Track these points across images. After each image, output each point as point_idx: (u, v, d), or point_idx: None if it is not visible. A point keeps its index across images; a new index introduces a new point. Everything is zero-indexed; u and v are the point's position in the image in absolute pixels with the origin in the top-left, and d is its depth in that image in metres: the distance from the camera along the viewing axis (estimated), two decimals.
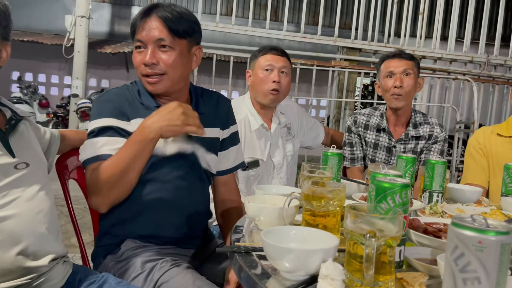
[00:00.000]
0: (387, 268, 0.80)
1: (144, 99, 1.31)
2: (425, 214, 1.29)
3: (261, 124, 1.92)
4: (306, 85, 4.44)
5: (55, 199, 1.17)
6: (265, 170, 1.95)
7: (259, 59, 1.92)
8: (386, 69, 2.05)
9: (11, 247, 0.98)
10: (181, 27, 1.26)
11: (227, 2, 8.38)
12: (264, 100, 1.91)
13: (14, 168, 1.03)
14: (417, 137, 2.08)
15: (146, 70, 1.26)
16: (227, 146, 1.49)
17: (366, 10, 4.13)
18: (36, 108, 8.76)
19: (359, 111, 2.21)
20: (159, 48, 1.25)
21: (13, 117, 1.11)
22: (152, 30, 1.24)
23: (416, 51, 4.07)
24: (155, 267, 1.23)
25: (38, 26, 9.28)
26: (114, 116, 1.26)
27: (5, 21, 1.07)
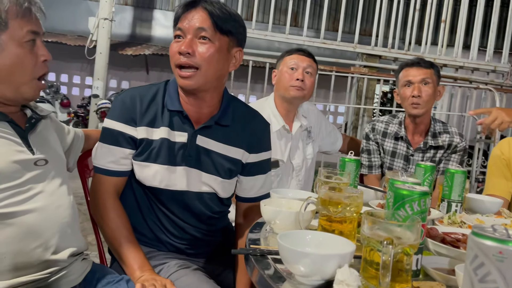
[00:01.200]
0: (403, 276, 0.79)
1: (168, 100, 1.27)
2: (443, 224, 1.27)
3: (283, 126, 1.93)
4: (324, 91, 4.43)
5: (75, 197, 1.19)
6: (285, 171, 1.95)
7: (285, 59, 1.95)
8: (404, 78, 2.03)
9: (32, 240, 1.00)
10: (225, 22, 1.20)
11: (247, 7, 8.44)
12: (287, 94, 1.91)
13: (34, 164, 1.06)
14: (436, 147, 2.05)
15: (179, 59, 1.18)
16: (253, 173, 1.38)
17: (387, 17, 4.11)
18: (58, 108, 8.94)
19: (377, 119, 2.19)
20: (198, 39, 1.18)
21: (33, 116, 1.14)
22: (194, 19, 1.18)
23: (438, 59, 4.02)
24: (163, 269, 1.25)
25: (63, 27, 9.49)
26: (121, 120, 1.25)
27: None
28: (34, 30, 1.03)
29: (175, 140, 1.26)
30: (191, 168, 1.28)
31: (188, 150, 1.27)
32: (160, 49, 9.37)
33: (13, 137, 1.05)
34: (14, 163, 1.01)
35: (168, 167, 1.25)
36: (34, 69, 1.04)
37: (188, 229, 1.33)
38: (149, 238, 1.33)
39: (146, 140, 1.25)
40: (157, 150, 1.25)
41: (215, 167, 1.30)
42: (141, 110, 1.25)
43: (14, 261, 0.98)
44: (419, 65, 2.01)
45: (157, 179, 1.25)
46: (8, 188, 0.99)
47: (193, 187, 1.29)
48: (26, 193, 1.02)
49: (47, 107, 8.11)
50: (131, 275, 1.16)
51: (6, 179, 0.99)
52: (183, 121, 1.27)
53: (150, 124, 1.25)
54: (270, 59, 3.85)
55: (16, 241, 0.98)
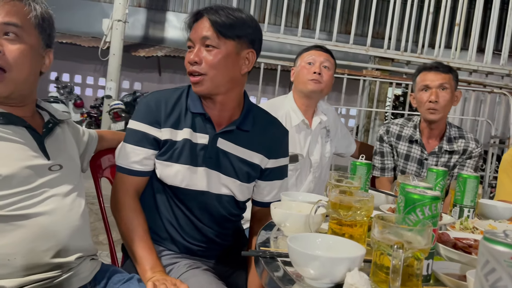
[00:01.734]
0: (414, 281, 0.79)
1: (190, 103, 1.31)
2: (455, 229, 1.26)
3: (302, 120, 1.94)
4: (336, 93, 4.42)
5: (87, 197, 1.21)
6: (303, 167, 1.95)
7: (303, 55, 1.98)
8: (421, 82, 2.00)
9: (43, 242, 1.02)
10: (230, 27, 1.23)
11: (259, 9, 8.45)
12: (305, 88, 1.92)
13: (49, 169, 1.08)
14: (451, 152, 2.03)
15: (189, 67, 1.25)
16: (271, 178, 1.41)
17: (400, 20, 4.08)
18: (71, 108, 9.05)
19: (392, 121, 2.18)
20: (205, 47, 1.23)
21: (50, 120, 1.15)
22: (199, 29, 1.24)
23: (451, 63, 3.98)
24: (173, 270, 1.26)
25: (77, 29, 9.60)
26: (145, 121, 1.29)
27: (49, 29, 1.12)
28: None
29: (197, 141, 1.30)
30: (211, 170, 1.31)
31: (208, 152, 1.30)
32: (172, 50, 9.43)
33: (29, 143, 1.06)
34: (29, 168, 1.03)
35: (190, 167, 1.29)
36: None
37: (204, 230, 1.35)
38: (162, 238, 1.35)
39: (170, 141, 1.29)
40: (179, 150, 1.28)
41: (234, 170, 1.33)
42: (166, 113, 1.29)
43: (25, 261, 0.99)
44: (437, 69, 1.98)
45: (178, 178, 1.28)
46: (21, 191, 1.01)
47: (213, 188, 1.32)
48: (39, 197, 1.04)
49: (60, 108, 8.25)
50: (143, 275, 1.18)
51: (20, 183, 1.01)
52: (205, 123, 1.31)
53: (174, 125, 1.29)
54: (281, 62, 3.85)
55: (27, 242, 1.00)
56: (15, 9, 1.03)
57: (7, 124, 1.04)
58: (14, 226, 0.99)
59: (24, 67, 1.05)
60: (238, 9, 1.28)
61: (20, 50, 1.04)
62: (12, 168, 1.00)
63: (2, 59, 1.01)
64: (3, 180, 0.98)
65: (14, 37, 1.03)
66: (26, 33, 1.05)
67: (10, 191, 0.99)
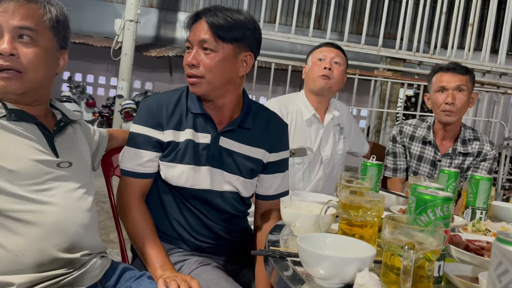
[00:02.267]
0: (425, 282, 0.78)
1: (191, 104, 1.32)
2: (467, 231, 1.24)
3: (313, 114, 1.94)
4: (347, 94, 4.40)
5: (98, 195, 1.22)
6: (312, 161, 1.95)
7: (314, 52, 1.99)
8: (438, 83, 1.97)
9: (51, 239, 1.02)
10: (228, 30, 1.23)
11: (271, 9, 8.45)
12: (315, 85, 1.92)
13: (57, 165, 1.09)
14: (465, 154, 2.01)
15: (187, 69, 1.27)
16: (273, 171, 1.43)
17: (412, 20, 4.05)
18: (83, 107, 9.14)
19: (405, 121, 2.16)
20: (203, 50, 1.24)
21: (62, 119, 1.17)
22: (198, 31, 1.24)
23: (464, 63, 3.91)
24: (184, 266, 1.27)
25: (90, 29, 9.69)
26: (148, 124, 1.30)
27: (63, 31, 1.13)
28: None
29: (199, 141, 1.31)
30: (214, 168, 1.32)
31: (211, 151, 1.31)
32: (183, 51, 9.40)
33: (39, 140, 1.08)
34: (36, 163, 1.04)
35: (193, 167, 1.30)
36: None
37: (212, 227, 1.36)
38: (171, 237, 1.36)
39: (173, 142, 1.30)
40: (182, 151, 1.30)
41: (238, 167, 1.35)
42: (167, 115, 1.30)
43: (33, 258, 1.00)
44: (454, 70, 1.95)
45: (182, 178, 1.30)
46: (29, 184, 1.02)
47: (216, 186, 1.33)
48: (46, 192, 1.04)
49: (72, 107, 8.33)
50: (153, 273, 1.19)
51: (27, 177, 1.02)
52: (206, 123, 1.32)
53: (176, 127, 1.30)
54: (292, 62, 3.84)
55: (35, 239, 1.00)
56: (30, 12, 1.04)
57: (18, 121, 1.06)
58: (22, 222, 1.00)
59: (39, 70, 1.06)
60: (237, 10, 1.27)
61: (35, 53, 1.05)
62: (20, 163, 1.01)
63: (17, 62, 1.03)
64: (11, 175, 1.00)
65: (28, 40, 1.04)
66: (40, 36, 1.06)
67: (18, 186, 1.00)
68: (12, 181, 1.00)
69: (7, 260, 0.98)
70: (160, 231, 1.32)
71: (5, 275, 0.97)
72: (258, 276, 1.30)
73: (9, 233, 0.99)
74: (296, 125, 1.91)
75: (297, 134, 1.91)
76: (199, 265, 1.26)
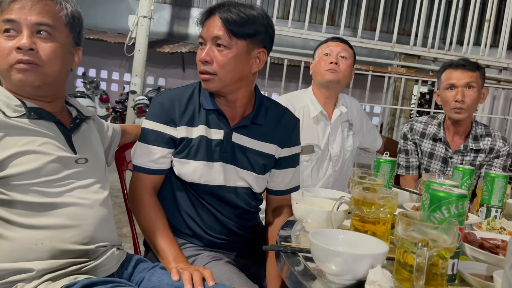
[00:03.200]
0: (438, 280, 0.77)
1: (203, 100, 1.32)
2: (481, 229, 1.23)
3: (320, 111, 1.93)
4: (360, 90, 4.36)
5: (111, 190, 1.24)
6: (321, 159, 1.94)
7: (321, 47, 1.98)
8: (447, 80, 1.95)
9: (68, 230, 1.05)
10: (242, 26, 1.23)
11: (284, 5, 8.41)
12: (322, 78, 1.91)
13: (75, 162, 1.12)
14: (477, 150, 1.98)
15: (200, 66, 1.27)
16: (284, 166, 1.43)
17: (428, 16, 4.00)
18: (97, 103, 9.23)
19: (416, 118, 2.14)
20: (216, 46, 1.24)
21: (78, 116, 1.19)
22: (211, 27, 1.24)
23: (480, 60, 3.88)
24: (196, 261, 1.28)
25: (104, 25, 9.77)
26: (160, 121, 1.30)
27: (78, 27, 1.16)
28: (6, 18, 1.04)
29: (212, 137, 1.31)
30: (227, 164, 1.33)
31: (224, 147, 1.32)
32: (196, 47, 9.39)
33: (58, 137, 1.11)
34: (57, 160, 1.07)
35: (207, 163, 1.30)
36: (11, 57, 1.04)
37: (225, 222, 1.37)
38: (184, 233, 1.37)
39: (186, 138, 1.30)
40: (196, 147, 1.30)
41: (250, 163, 1.35)
42: (180, 111, 1.31)
43: (51, 247, 1.03)
44: (464, 67, 1.92)
45: (196, 174, 1.30)
46: (49, 181, 1.05)
47: (230, 182, 1.34)
48: (65, 187, 1.08)
49: (86, 102, 8.42)
50: (166, 266, 1.20)
51: (48, 174, 1.05)
52: (219, 119, 1.32)
53: (188, 123, 1.31)
54: (305, 58, 3.82)
55: (54, 229, 1.04)
56: (47, 8, 1.07)
57: (38, 119, 1.08)
58: (42, 213, 1.03)
59: (56, 64, 1.09)
60: (251, 5, 1.27)
61: (53, 48, 1.07)
62: (41, 161, 1.04)
63: (36, 56, 1.05)
64: (33, 172, 1.03)
65: (46, 35, 1.07)
66: (57, 32, 1.09)
67: (39, 180, 1.04)
68: (33, 178, 1.03)
69: (26, 248, 1.01)
70: (173, 227, 1.33)
71: (24, 262, 1.00)
72: (269, 272, 1.30)
73: (29, 223, 1.02)
74: (304, 123, 1.90)
75: (305, 131, 1.89)
76: (211, 260, 1.27)
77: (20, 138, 1.04)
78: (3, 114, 1.04)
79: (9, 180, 1.01)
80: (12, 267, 0.99)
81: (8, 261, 1.00)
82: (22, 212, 1.01)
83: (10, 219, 1.01)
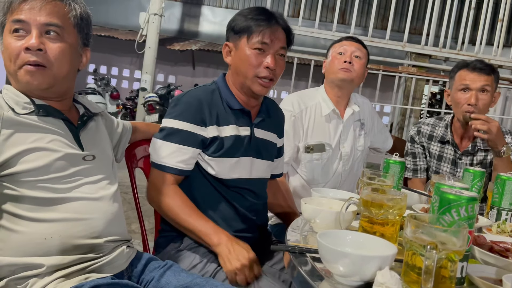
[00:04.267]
0: (447, 283, 0.77)
1: (228, 100, 1.39)
2: (491, 232, 1.22)
3: (333, 110, 1.92)
4: (370, 90, 4.34)
5: (120, 187, 1.25)
6: (331, 157, 1.93)
7: (335, 46, 1.97)
8: (461, 81, 1.90)
9: (77, 225, 1.07)
10: (291, 39, 1.41)
11: (294, 3, 8.39)
12: (335, 77, 1.90)
13: (83, 159, 1.13)
14: (486, 150, 1.96)
15: (263, 72, 1.34)
16: (281, 153, 1.62)
17: (439, 15, 3.96)
18: (108, 100, 9.29)
19: (423, 121, 2.11)
20: (279, 56, 1.37)
21: (85, 113, 1.21)
22: (277, 40, 1.35)
23: (492, 60, 3.84)
24: (212, 258, 1.28)
25: (115, 22, 9.83)
26: (190, 120, 1.31)
27: (86, 29, 1.17)
28: (15, 19, 1.05)
29: (242, 134, 1.39)
30: (254, 158, 1.42)
31: (251, 143, 1.41)
32: (206, 44, 9.48)
33: (65, 134, 1.12)
34: (64, 157, 1.08)
35: (239, 159, 1.38)
36: (19, 58, 1.06)
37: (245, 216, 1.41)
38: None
39: (217, 137, 1.34)
40: (229, 146, 1.35)
41: (269, 153, 1.50)
42: (208, 111, 1.34)
43: (61, 241, 1.04)
44: (480, 70, 1.87)
45: (233, 171, 1.37)
46: (57, 177, 1.07)
47: (255, 174, 1.43)
48: (73, 183, 1.09)
49: (96, 99, 8.48)
50: (209, 242, 1.24)
51: (56, 171, 1.06)
52: (244, 117, 1.41)
53: (218, 123, 1.35)
54: (315, 56, 3.81)
55: (62, 224, 1.05)
56: (56, 9, 1.08)
57: (46, 116, 1.10)
58: (50, 207, 1.05)
59: (64, 65, 1.10)
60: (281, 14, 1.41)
61: (61, 49, 1.08)
62: (49, 158, 1.06)
63: (44, 57, 1.06)
64: (41, 169, 1.04)
65: (55, 36, 1.08)
66: (66, 33, 1.10)
67: (47, 176, 1.05)
68: (42, 174, 1.04)
69: (36, 243, 1.02)
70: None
71: (34, 257, 1.02)
72: None
73: (38, 218, 1.03)
74: (315, 121, 1.90)
75: (316, 129, 1.89)
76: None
77: (29, 135, 1.05)
78: (13, 111, 1.06)
79: (18, 177, 1.02)
80: (22, 262, 1.01)
81: (18, 255, 1.01)
82: (31, 207, 1.03)
83: (19, 214, 1.03)
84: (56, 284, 1.01)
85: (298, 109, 1.87)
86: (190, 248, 1.32)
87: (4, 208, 1.03)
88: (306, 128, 1.88)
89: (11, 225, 1.03)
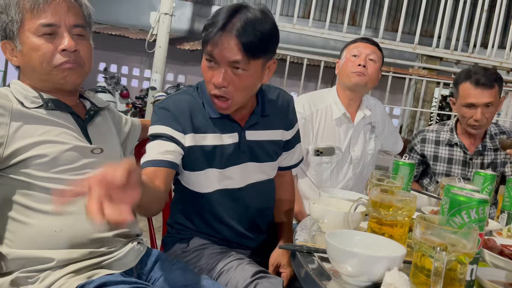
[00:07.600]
0: (456, 285, 0.77)
1: (209, 108, 1.25)
2: (502, 236, 1.21)
3: (344, 113, 1.89)
4: (380, 91, 4.31)
5: None
6: (341, 161, 1.91)
7: (349, 47, 1.93)
8: (465, 99, 1.89)
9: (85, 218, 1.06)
10: (260, 47, 1.14)
11: (305, 4, 8.37)
12: (348, 81, 1.86)
13: (91, 152, 1.15)
14: (495, 149, 1.97)
15: (213, 89, 1.18)
16: (293, 145, 1.46)
17: (451, 18, 3.93)
18: (117, 98, 9.34)
19: (426, 129, 2.12)
20: (232, 69, 1.15)
21: (92, 108, 1.23)
22: (226, 50, 1.12)
23: (504, 63, 3.81)
24: (217, 260, 1.27)
25: (126, 21, 9.88)
26: (168, 125, 1.20)
27: (92, 24, 1.21)
28: (46, 23, 1.08)
29: (227, 142, 1.27)
30: (247, 163, 1.32)
31: (241, 148, 1.29)
32: None
33: (74, 127, 1.14)
34: (73, 150, 1.10)
35: (223, 170, 1.27)
36: (55, 59, 1.09)
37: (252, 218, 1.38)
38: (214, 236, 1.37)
39: (195, 147, 1.23)
40: (209, 156, 1.25)
41: (267, 153, 1.37)
42: (186, 118, 1.23)
43: (70, 234, 1.05)
44: (484, 87, 1.86)
45: (214, 183, 1.28)
46: (66, 169, 1.08)
47: (251, 179, 1.34)
48: (83, 175, 1.10)
49: (106, 97, 8.54)
50: None
51: (65, 163, 1.08)
52: (230, 124, 1.28)
53: (197, 131, 1.23)
54: (325, 57, 3.80)
55: (71, 216, 1.06)
56: (78, 10, 1.14)
57: (54, 110, 1.12)
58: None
59: (91, 62, 1.18)
60: (261, 18, 1.14)
61: (89, 48, 1.16)
62: (59, 150, 1.07)
63: (79, 56, 1.12)
64: (50, 161, 1.06)
65: (82, 36, 1.14)
66: (87, 32, 1.16)
67: (57, 168, 1.06)
68: (52, 165, 1.06)
69: (45, 235, 1.04)
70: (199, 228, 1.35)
71: (44, 250, 1.03)
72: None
73: (48, 210, 1.04)
74: (326, 124, 1.88)
75: (326, 133, 1.87)
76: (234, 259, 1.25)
77: (38, 128, 1.07)
78: (22, 104, 1.08)
79: (28, 167, 1.03)
80: (32, 255, 1.02)
81: (28, 248, 1.02)
82: (41, 198, 1.04)
83: (29, 206, 1.04)
84: (66, 279, 1.02)
85: (309, 111, 1.85)
86: (196, 249, 1.32)
87: (15, 200, 1.05)
88: (316, 131, 1.86)
89: (22, 217, 1.04)
